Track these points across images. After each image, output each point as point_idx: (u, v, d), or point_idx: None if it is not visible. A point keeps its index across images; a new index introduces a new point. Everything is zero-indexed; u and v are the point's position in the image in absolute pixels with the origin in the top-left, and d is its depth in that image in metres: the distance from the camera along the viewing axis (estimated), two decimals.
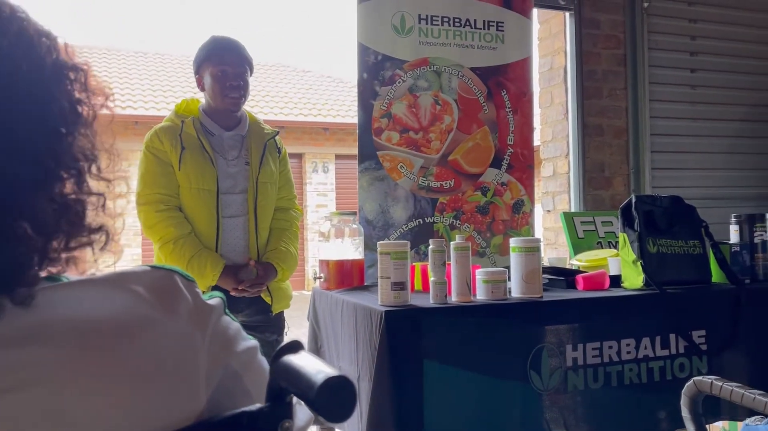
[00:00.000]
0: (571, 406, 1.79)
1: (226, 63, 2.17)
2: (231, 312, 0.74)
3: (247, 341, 0.74)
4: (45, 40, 0.65)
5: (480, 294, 1.81)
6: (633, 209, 2.03)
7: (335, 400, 0.57)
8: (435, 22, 2.75)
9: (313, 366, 0.59)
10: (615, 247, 2.43)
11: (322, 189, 12.44)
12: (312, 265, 11.66)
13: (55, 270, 0.64)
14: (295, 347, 0.63)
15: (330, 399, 0.57)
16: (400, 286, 1.69)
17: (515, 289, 1.85)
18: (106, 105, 0.70)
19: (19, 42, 0.62)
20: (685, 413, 1.40)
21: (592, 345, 1.82)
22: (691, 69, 3.52)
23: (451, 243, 1.80)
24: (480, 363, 1.69)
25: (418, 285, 2.06)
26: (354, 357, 1.77)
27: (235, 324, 0.73)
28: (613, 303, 1.91)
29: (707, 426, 1.45)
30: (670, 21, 3.47)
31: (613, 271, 2.13)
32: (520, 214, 2.84)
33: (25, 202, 0.60)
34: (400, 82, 2.69)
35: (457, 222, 2.75)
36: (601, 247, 2.56)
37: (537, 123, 3.35)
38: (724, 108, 3.57)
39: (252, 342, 0.75)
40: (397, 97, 2.68)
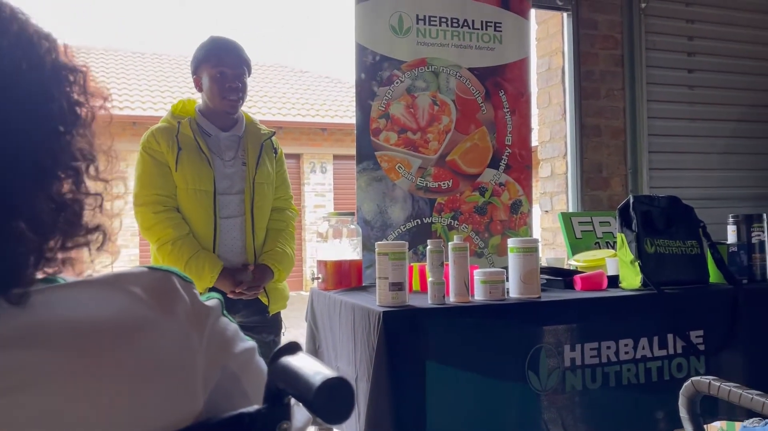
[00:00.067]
0: (569, 406, 1.79)
1: (225, 64, 2.16)
2: (228, 313, 0.74)
3: (245, 342, 0.74)
4: (45, 41, 0.65)
5: (478, 295, 1.81)
6: (631, 209, 2.03)
7: (333, 401, 0.57)
8: (433, 23, 2.75)
9: (310, 368, 0.59)
10: (613, 248, 2.43)
11: (320, 189, 12.44)
12: (310, 266, 11.65)
13: (51, 271, 0.64)
14: (292, 348, 0.63)
15: (328, 401, 0.57)
16: (398, 287, 1.69)
17: (513, 290, 1.85)
18: (105, 107, 0.70)
19: (19, 42, 0.62)
20: (683, 413, 1.40)
21: (590, 345, 1.82)
22: (688, 69, 3.52)
23: (449, 243, 1.80)
24: (478, 364, 1.69)
25: (416, 286, 2.06)
26: (352, 357, 1.77)
27: (233, 326, 0.73)
28: (611, 303, 1.92)
29: (705, 426, 1.45)
30: (668, 21, 3.48)
31: (611, 272, 2.14)
32: (518, 215, 2.84)
33: (23, 201, 0.60)
34: (398, 83, 2.69)
35: (455, 222, 2.75)
36: (599, 248, 2.56)
37: (535, 123, 3.36)
38: (722, 108, 3.58)
39: (250, 343, 0.75)
40: (395, 97, 2.68)
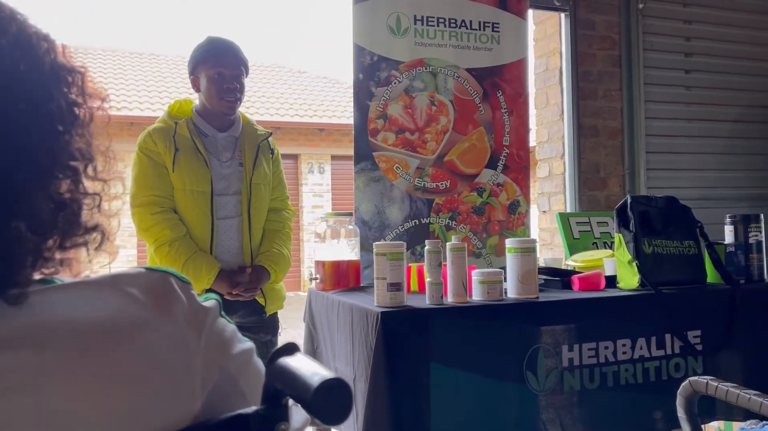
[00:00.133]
0: (567, 407, 1.79)
1: (223, 65, 2.16)
2: (226, 314, 0.73)
3: (242, 343, 0.74)
4: (43, 42, 0.65)
5: (476, 295, 1.82)
6: (628, 210, 2.03)
7: (331, 402, 0.57)
8: (431, 23, 2.75)
9: (308, 369, 0.59)
10: (610, 248, 2.43)
11: (318, 190, 12.43)
12: (308, 266, 11.64)
13: (49, 271, 0.64)
14: (290, 349, 0.62)
15: (326, 402, 0.56)
16: (396, 287, 1.69)
17: (511, 290, 1.85)
18: (102, 107, 0.70)
19: (17, 42, 0.62)
20: (680, 413, 1.40)
21: (588, 345, 1.83)
22: (685, 70, 3.53)
23: (447, 244, 1.80)
24: (476, 364, 1.70)
25: (414, 286, 2.06)
26: (350, 358, 1.77)
27: (231, 327, 0.73)
28: (608, 303, 1.92)
29: (702, 426, 1.45)
30: (665, 22, 3.48)
31: (608, 272, 2.14)
32: (515, 215, 2.84)
33: (22, 200, 0.59)
34: (395, 83, 2.69)
35: (453, 223, 2.75)
36: (597, 248, 2.56)
37: (533, 124, 3.36)
38: (719, 109, 3.59)
39: (248, 344, 0.75)
40: (393, 97, 2.68)
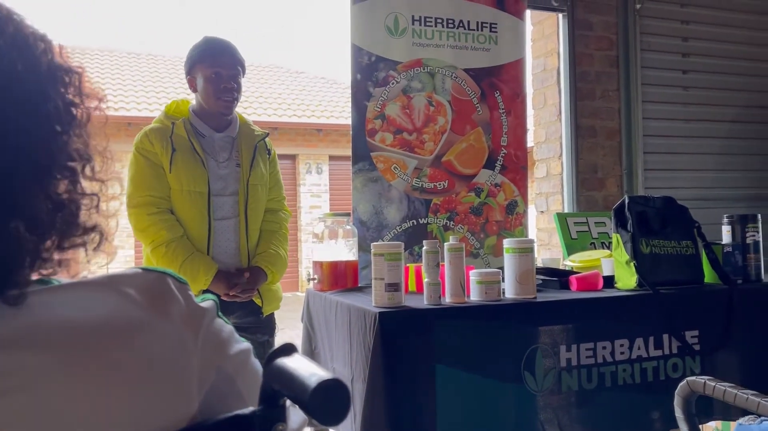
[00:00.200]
0: (565, 407, 1.79)
1: (220, 65, 2.15)
2: (222, 315, 0.73)
3: (240, 344, 0.74)
4: (40, 42, 0.65)
5: (474, 295, 1.81)
6: (626, 210, 2.03)
7: (329, 403, 0.57)
8: (428, 23, 2.75)
9: (306, 369, 0.59)
10: (608, 248, 2.44)
11: (315, 190, 12.43)
12: (306, 266, 11.64)
13: (47, 272, 0.64)
14: (288, 350, 0.62)
15: (323, 402, 0.56)
16: (394, 287, 1.69)
17: (509, 290, 1.85)
18: (100, 108, 0.70)
19: (15, 42, 0.62)
20: (678, 413, 1.41)
21: (586, 345, 1.83)
22: (683, 70, 3.53)
23: (445, 244, 1.80)
24: (474, 364, 1.70)
25: (412, 287, 2.06)
26: (348, 358, 1.77)
27: (228, 327, 0.73)
28: (606, 303, 1.92)
29: (700, 426, 1.45)
30: (663, 22, 3.49)
31: (606, 272, 2.14)
32: (513, 215, 2.84)
33: (20, 201, 0.59)
34: (393, 83, 2.69)
35: (451, 223, 2.75)
36: (595, 248, 2.56)
37: (530, 124, 3.36)
38: (717, 109, 3.59)
39: (245, 344, 0.75)
40: (391, 98, 2.68)
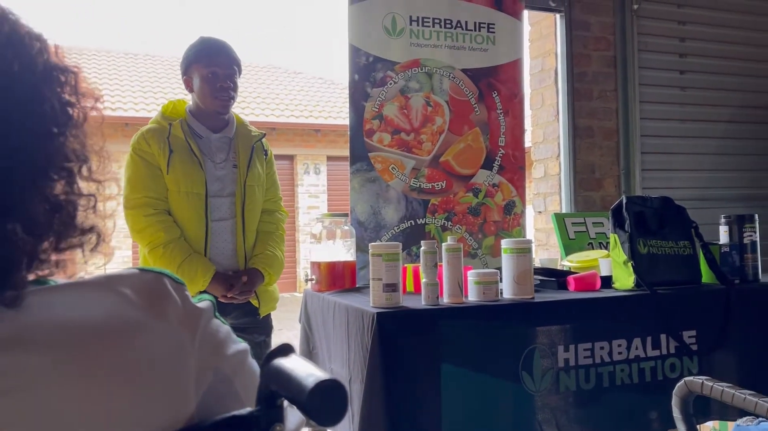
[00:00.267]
0: (563, 407, 1.79)
1: (216, 64, 2.15)
2: (219, 315, 0.73)
3: (237, 344, 0.73)
4: (36, 42, 0.64)
5: (472, 296, 1.81)
6: (624, 210, 2.03)
7: (326, 404, 0.57)
8: (426, 24, 2.75)
9: (303, 370, 0.59)
10: (606, 248, 2.44)
11: (313, 191, 12.42)
12: (304, 267, 11.64)
13: (43, 273, 0.63)
14: (285, 350, 0.62)
15: (321, 403, 0.56)
16: (391, 288, 1.69)
17: (507, 290, 1.85)
18: (96, 107, 0.69)
19: (10, 42, 0.62)
20: (676, 413, 1.40)
21: (584, 345, 1.83)
22: (680, 71, 3.54)
23: (443, 244, 1.80)
24: (472, 365, 1.69)
25: (410, 287, 2.06)
26: (346, 359, 1.76)
27: (225, 328, 0.73)
28: (604, 304, 1.92)
29: (698, 426, 1.45)
30: (660, 23, 3.49)
31: (604, 272, 2.14)
32: (511, 215, 2.84)
33: (19, 203, 0.59)
34: (391, 84, 2.69)
35: (449, 223, 2.75)
36: (592, 248, 2.56)
37: (528, 124, 3.36)
38: (714, 109, 3.60)
39: (242, 345, 0.74)
40: (389, 98, 2.68)
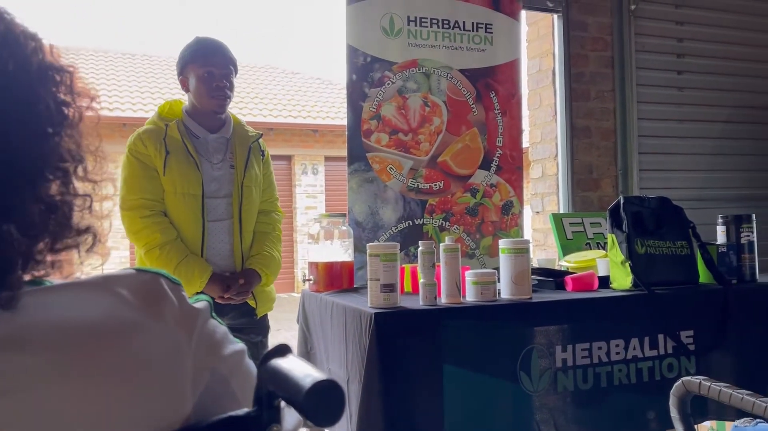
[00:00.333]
0: (560, 407, 1.79)
1: (212, 64, 2.15)
2: (216, 315, 0.73)
3: (234, 344, 0.73)
4: (31, 41, 0.64)
5: (469, 296, 1.81)
6: (621, 210, 2.03)
7: (324, 404, 0.57)
8: (424, 24, 2.75)
9: (300, 370, 0.58)
10: (603, 248, 2.44)
11: (311, 191, 12.42)
12: (301, 267, 11.63)
13: (39, 274, 0.63)
14: (282, 350, 0.62)
15: (318, 403, 0.56)
16: (389, 288, 1.69)
17: (505, 291, 1.85)
18: (92, 107, 0.69)
19: (5, 41, 0.62)
20: (673, 413, 1.41)
21: (582, 346, 1.83)
22: (678, 71, 3.54)
23: (441, 244, 1.80)
24: (470, 365, 1.69)
25: (408, 287, 2.06)
26: (344, 359, 1.76)
27: (222, 328, 0.72)
28: (601, 304, 1.92)
29: (695, 426, 1.45)
30: (657, 23, 3.49)
31: (601, 272, 2.14)
32: (509, 216, 2.85)
33: (13, 203, 0.59)
34: (389, 84, 2.69)
35: (447, 223, 2.75)
36: (590, 248, 2.57)
37: (526, 125, 3.36)
38: (711, 109, 3.60)
39: (239, 345, 0.74)
40: (387, 98, 2.68)
